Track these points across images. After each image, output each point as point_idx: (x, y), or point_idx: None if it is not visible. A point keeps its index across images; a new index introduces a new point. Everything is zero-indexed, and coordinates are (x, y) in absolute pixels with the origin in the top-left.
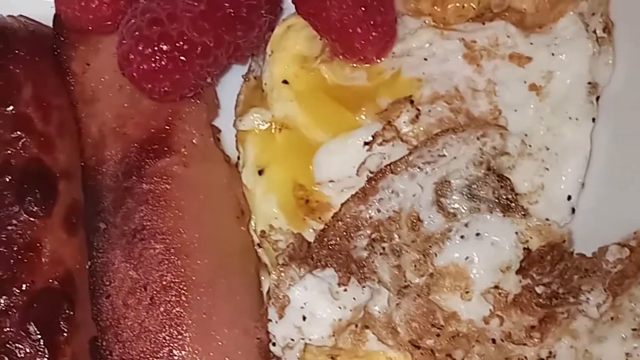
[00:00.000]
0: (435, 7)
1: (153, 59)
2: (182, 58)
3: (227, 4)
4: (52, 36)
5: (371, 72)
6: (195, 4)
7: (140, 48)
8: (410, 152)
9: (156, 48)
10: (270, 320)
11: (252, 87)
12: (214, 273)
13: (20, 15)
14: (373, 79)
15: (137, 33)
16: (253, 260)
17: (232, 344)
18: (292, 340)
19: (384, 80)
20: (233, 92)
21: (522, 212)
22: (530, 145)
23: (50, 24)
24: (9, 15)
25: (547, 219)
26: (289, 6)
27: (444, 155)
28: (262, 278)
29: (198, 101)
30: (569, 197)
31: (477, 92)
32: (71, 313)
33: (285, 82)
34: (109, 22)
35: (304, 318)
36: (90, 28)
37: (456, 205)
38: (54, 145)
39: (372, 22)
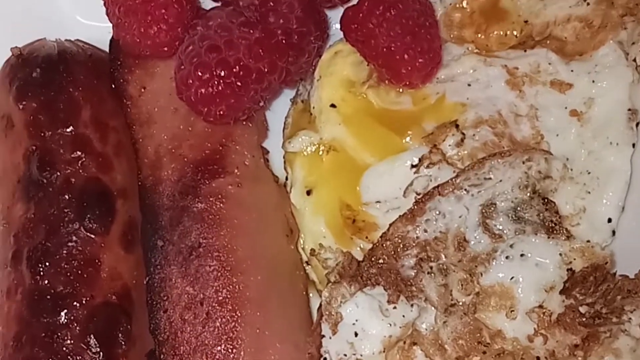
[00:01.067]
0: (479, 35)
1: (211, 84)
2: (238, 83)
3: (279, 32)
4: (108, 60)
5: (416, 97)
6: (251, 31)
7: (199, 73)
8: (457, 175)
9: (214, 74)
10: (323, 335)
11: (299, 110)
12: (266, 289)
13: (77, 40)
14: (418, 103)
15: (195, 59)
16: (302, 277)
17: (284, 358)
18: (345, 355)
19: (429, 104)
20: (279, 114)
21: (566, 234)
22: (571, 169)
23: (104, 48)
24: (66, 40)
25: (588, 241)
26: (334, 32)
27: (490, 179)
28: (311, 295)
29: (250, 124)
30: (609, 220)
31: (520, 117)
32: (128, 327)
33: (333, 105)
34: (166, 48)
35: (356, 334)
36: (147, 53)
37: (502, 227)
38: (112, 165)
39: (419, 49)
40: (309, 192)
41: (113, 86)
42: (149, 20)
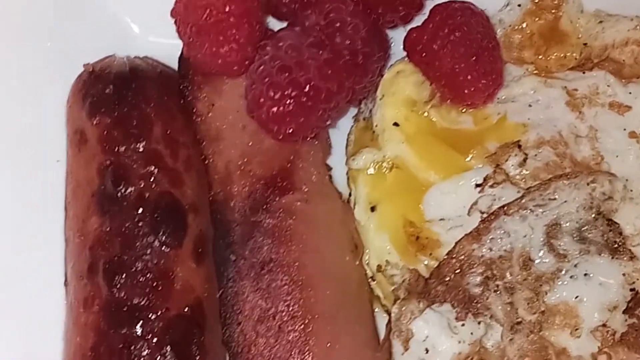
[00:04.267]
0: (538, 56)
1: (282, 104)
2: (308, 103)
3: (346, 52)
4: (177, 77)
5: (477, 117)
6: (320, 52)
7: (270, 93)
8: (522, 195)
9: (285, 93)
10: (395, 352)
11: (361, 127)
12: (335, 304)
13: (146, 57)
14: (480, 123)
15: (267, 79)
16: (367, 293)
17: None
18: None
19: (491, 124)
20: (340, 132)
21: (630, 255)
22: (631, 190)
23: (169, 65)
24: (136, 57)
25: None
26: (394, 52)
27: (555, 199)
28: (376, 310)
29: (316, 141)
30: None
31: (580, 137)
32: (202, 339)
33: (396, 124)
34: (236, 67)
35: (427, 351)
36: (217, 72)
37: (566, 247)
38: (182, 180)
39: (482, 71)
40: (373, 209)
41: (182, 103)
42: (220, 40)
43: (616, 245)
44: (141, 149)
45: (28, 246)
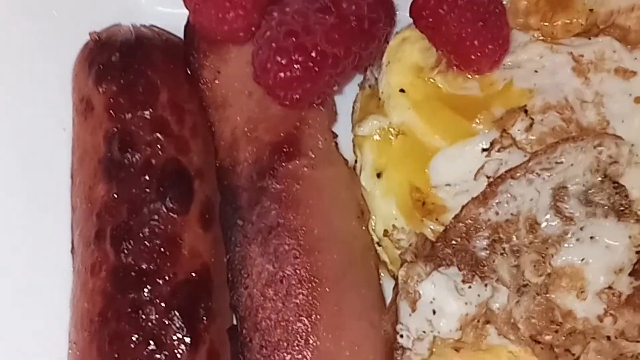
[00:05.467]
0: (544, 23)
1: (289, 69)
2: (315, 68)
3: (353, 18)
4: (183, 45)
5: (484, 83)
6: (326, 17)
7: (277, 58)
8: (529, 159)
9: (292, 58)
10: (402, 313)
11: (367, 95)
12: (342, 269)
13: (152, 25)
14: (486, 89)
15: (273, 44)
16: (373, 257)
17: (361, 335)
18: (424, 332)
19: (497, 90)
20: (345, 99)
21: (636, 218)
22: (637, 155)
23: (175, 33)
24: (141, 25)
25: None
26: (399, 19)
27: (562, 162)
28: (382, 274)
29: (322, 108)
30: None
31: (586, 103)
32: (209, 303)
33: (402, 90)
34: (242, 34)
35: (434, 312)
36: (224, 38)
37: (572, 210)
38: (189, 146)
39: (489, 36)
40: (379, 175)
41: (188, 71)
42: (227, 6)
43: (622, 208)
44: (147, 116)
45: (34, 214)
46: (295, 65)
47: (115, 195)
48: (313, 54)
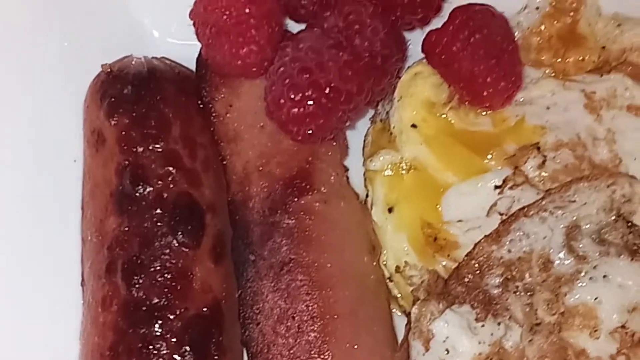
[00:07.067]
0: (556, 59)
1: (302, 105)
2: (328, 104)
3: (366, 54)
4: (195, 78)
5: (496, 119)
6: (340, 54)
7: (291, 94)
8: (542, 197)
9: (306, 94)
10: (415, 352)
11: (378, 129)
12: (354, 305)
13: (163, 57)
14: (498, 125)
15: (287, 80)
16: (385, 292)
17: None
18: None
19: (509, 126)
20: (356, 133)
21: None
22: None
23: (186, 65)
24: (153, 57)
25: None
26: (411, 54)
27: (575, 201)
28: (393, 310)
29: (334, 142)
30: None
31: (598, 140)
32: (220, 339)
33: (414, 126)
34: (255, 69)
35: (447, 351)
36: (236, 73)
37: (586, 249)
38: (200, 180)
39: (502, 73)
40: (390, 210)
41: (200, 104)
42: (240, 41)
43: (635, 247)
44: (159, 149)
45: (44, 246)
46: (308, 102)
47: (127, 229)
48: (327, 91)
